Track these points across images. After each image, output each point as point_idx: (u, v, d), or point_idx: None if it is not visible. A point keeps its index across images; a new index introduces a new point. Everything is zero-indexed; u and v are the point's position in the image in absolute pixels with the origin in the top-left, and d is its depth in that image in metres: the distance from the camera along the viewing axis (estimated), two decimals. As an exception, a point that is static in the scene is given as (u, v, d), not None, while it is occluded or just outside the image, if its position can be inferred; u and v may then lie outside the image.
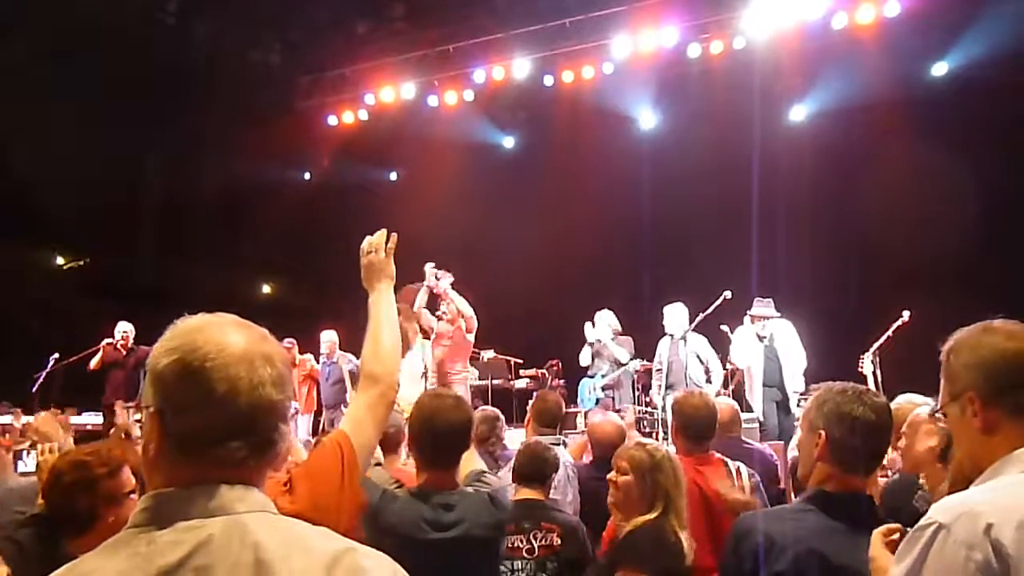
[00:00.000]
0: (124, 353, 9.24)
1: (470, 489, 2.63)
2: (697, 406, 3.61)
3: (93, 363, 9.12)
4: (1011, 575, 1.28)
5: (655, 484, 2.82)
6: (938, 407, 1.63)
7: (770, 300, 7.68)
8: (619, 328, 8.32)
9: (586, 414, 8.11)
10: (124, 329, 9.29)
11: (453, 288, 7.71)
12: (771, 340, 7.58)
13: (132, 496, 2.37)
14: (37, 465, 2.92)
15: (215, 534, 1.05)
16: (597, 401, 8.15)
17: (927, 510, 2.59)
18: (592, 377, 8.33)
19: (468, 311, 7.71)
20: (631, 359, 8.17)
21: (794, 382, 7.46)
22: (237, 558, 1.04)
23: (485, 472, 2.76)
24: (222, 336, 1.13)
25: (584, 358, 8.54)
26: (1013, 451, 1.45)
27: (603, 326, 8.25)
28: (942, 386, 1.60)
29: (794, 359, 7.52)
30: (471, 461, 2.79)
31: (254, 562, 1.04)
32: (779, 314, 7.61)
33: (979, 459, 1.51)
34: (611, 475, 2.93)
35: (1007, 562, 1.28)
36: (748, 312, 7.67)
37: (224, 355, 1.10)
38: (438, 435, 2.54)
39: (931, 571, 1.34)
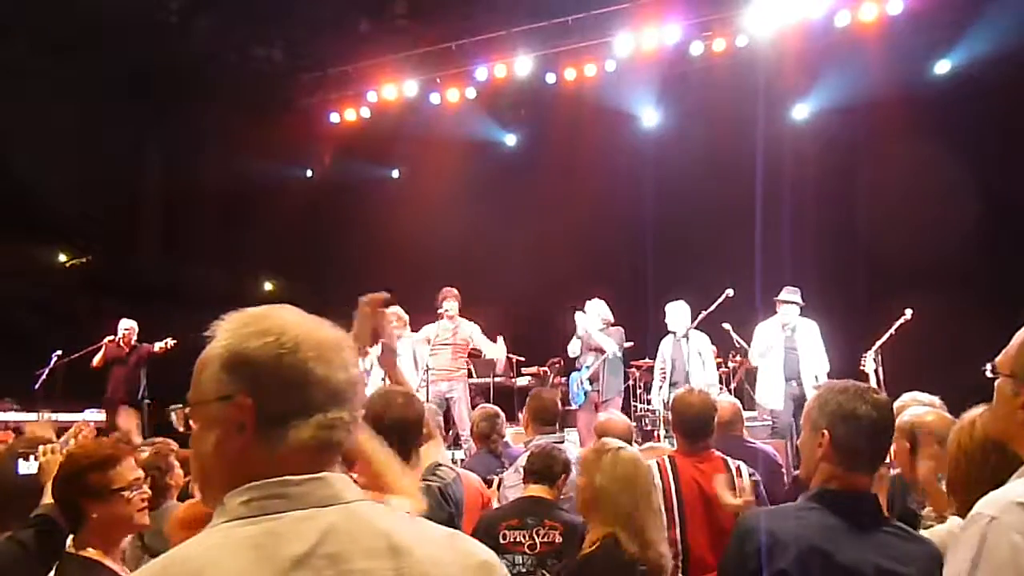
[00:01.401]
0: (127, 350, 9.23)
1: (422, 484, 2.61)
2: (693, 403, 3.62)
3: (95, 361, 9.11)
4: None
5: (602, 491, 2.68)
6: (995, 364, 1.62)
7: (797, 290, 7.64)
8: (611, 319, 8.07)
9: (577, 412, 8.03)
10: (127, 326, 9.27)
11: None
12: (793, 332, 7.54)
13: (123, 494, 2.30)
14: (39, 466, 2.89)
15: (336, 522, 1.04)
16: (585, 395, 7.93)
17: (919, 510, 2.62)
18: (579, 370, 8.13)
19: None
20: (619, 349, 7.95)
21: (812, 380, 7.38)
22: (369, 544, 1.03)
23: (441, 465, 2.73)
24: (302, 321, 1.13)
25: (572, 348, 8.26)
26: None
27: (593, 315, 8.10)
28: (1014, 350, 1.58)
29: (815, 359, 7.46)
30: (432, 453, 2.76)
31: (387, 547, 1.04)
32: (798, 302, 7.58)
33: (1011, 437, 1.56)
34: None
35: None
36: (775, 298, 7.63)
37: (314, 337, 1.10)
38: (386, 431, 2.51)
39: (986, 560, 1.36)
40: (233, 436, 1.07)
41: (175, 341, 9.32)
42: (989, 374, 1.64)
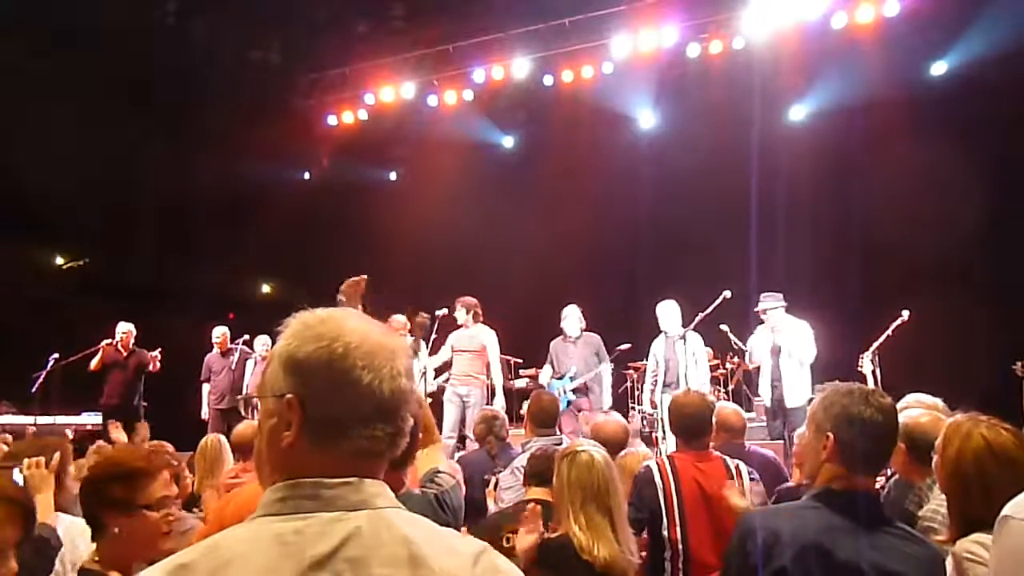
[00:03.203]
0: (124, 354, 9.08)
1: (417, 491, 2.60)
2: (691, 404, 3.64)
3: (93, 364, 9.01)
4: None
5: (560, 491, 2.80)
6: None
7: (772, 294, 7.60)
8: (584, 324, 8.03)
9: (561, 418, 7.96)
10: (125, 329, 9.12)
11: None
12: (777, 336, 7.53)
13: (147, 512, 2.17)
14: (24, 480, 2.81)
15: (362, 527, 1.06)
16: (568, 403, 7.77)
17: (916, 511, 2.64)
18: (561, 379, 8.02)
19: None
20: (600, 363, 7.88)
21: (795, 386, 7.36)
22: (391, 551, 1.05)
23: (440, 472, 2.73)
24: (358, 327, 1.15)
25: (544, 377, 8.29)
26: None
27: (573, 320, 7.99)
28: None
29: (797, 351, 7.35)
30: (431, 459, 2.75)
31: (407, 556, 1.05)
32: (777, 306, 7.54)
33: None
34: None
35: None
36: (755, 309, 7.65)
37: (367, 344, 1.12)
38: None
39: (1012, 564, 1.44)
40: (281, 432, 1.12)
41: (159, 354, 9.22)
42: (1020, 372, 1.69)
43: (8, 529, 1.61)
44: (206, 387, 9.52)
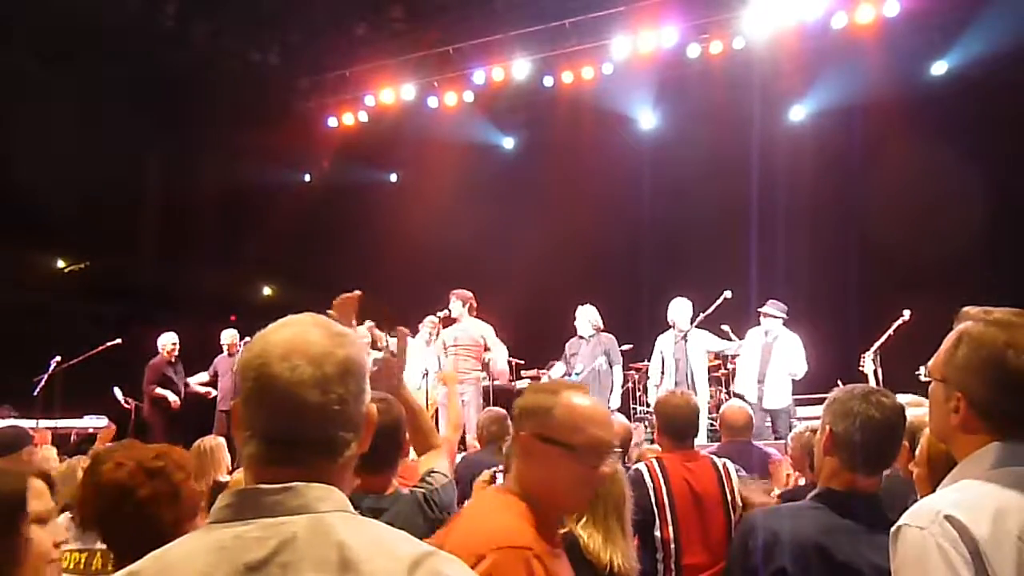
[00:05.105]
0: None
1: (406, 491, 2.60)
2: (678, 405, 3.66)
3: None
4: (987, 569, 1.35)
5: None
6: (927, 370, 1.66)
7: (779, 304, 7.66)
8: (600, 324, 8.07)
9: None
10: (174, 340, 9.07)
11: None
12: (774, 340, 7.57)
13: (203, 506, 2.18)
14: None
15: (299, 532, 1.07)
16: None
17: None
18: (568, 376, 8.06)
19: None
20: (605, 359, 7.89)
21: (777, 389, 7.44)
22: (322, 556, 1.05)
23: (434, 471, 2.73)
24: (280, 335, 1.14)
25: (555, 372, 8.40)
26: (975, 451, 1.52)
27: (584, 322, 8.09)
28: (943, 355, 1.61)
29: (790, 363, 7.49)
30: (430, 460, 2.75)
31: (339, 561, 1.05)
32: (777, 315, 7.59)
33: (947, 440, 1.61)
34: None
35: (983, 559, 1.36)
36: (758, 309, 7.72)
37: (267, 354, 1.12)
38: None
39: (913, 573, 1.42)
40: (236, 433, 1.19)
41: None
42: (923, 378, 1.68)
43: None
44: (201, 379, 9.53)
